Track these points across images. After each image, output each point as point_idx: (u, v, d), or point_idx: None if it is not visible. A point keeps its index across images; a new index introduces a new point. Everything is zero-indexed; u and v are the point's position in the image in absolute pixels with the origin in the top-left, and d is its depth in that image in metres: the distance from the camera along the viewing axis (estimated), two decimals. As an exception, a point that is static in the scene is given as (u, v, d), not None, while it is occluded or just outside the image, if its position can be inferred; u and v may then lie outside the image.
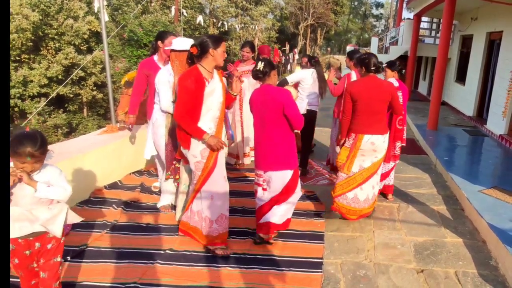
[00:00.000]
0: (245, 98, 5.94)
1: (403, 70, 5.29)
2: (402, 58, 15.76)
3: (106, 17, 5.86)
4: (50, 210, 2.51)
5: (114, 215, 4.36)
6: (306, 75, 5.82)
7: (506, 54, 8.67)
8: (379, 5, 55.05)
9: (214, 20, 30.41)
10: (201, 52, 3.41)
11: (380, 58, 4.47)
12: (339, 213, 4.43)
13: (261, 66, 3.70)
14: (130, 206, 4.63)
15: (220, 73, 3.75)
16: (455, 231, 4.33)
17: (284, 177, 3.74)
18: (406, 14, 32.39)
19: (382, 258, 3.74)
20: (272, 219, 3.79)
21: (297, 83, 5.84)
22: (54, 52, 18.11)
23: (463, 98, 11.86)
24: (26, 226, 2.44)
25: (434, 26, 18.03)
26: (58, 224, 2.56)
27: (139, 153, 5.50)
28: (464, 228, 4.43)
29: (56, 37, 17.99)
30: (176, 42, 3.99)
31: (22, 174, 2.30)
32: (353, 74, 5.48)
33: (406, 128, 5.32)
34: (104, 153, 5.10)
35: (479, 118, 10.38)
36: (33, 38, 17.09)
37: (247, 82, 5.76)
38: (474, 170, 6.41)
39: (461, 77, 12.53)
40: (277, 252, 3.74)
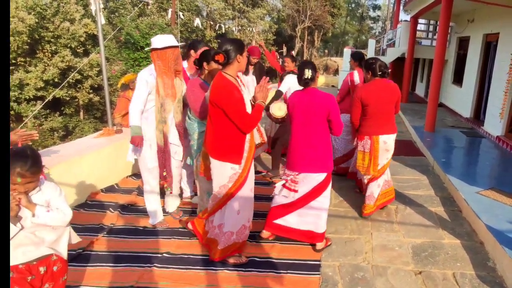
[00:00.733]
0: None
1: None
2: (399, 60, 15.82)
3: (102, 19, 5.85)
4: (55, 230, 2.35)
5: (111, 219, 4.35)
6: (294, 82, 5.31)
7: (502, 55, 8.69)
8: (376, 7, 55.30)
9: (211, 22, 30.39)
10: (228, 59, 3.25)
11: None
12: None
13: (309, 74, 3.68)
14: (127, 209, 4.62)
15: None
16: (453, 233, 4.33)
17: (317, 179, 3.75)
18: (403, 16, 32.47)
19: (380, 260, 3.74)
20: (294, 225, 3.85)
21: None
22: (50, 55, 18.08)
23: (460, 99, 11.88)
24: (31, 250, 2.27)
25: (431, 28, 18.07)
26: (63, 244, 2.43)
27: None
28: (461, 229, 4.43)
29: (52, 40, 17.95)
30: (156, 40, 3.85)
31: (20, 196, 2.12)
32: (355, 74, 5.64)
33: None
34: (100, 156, 5.09)
35: (476, 120, 10.39)
36: (29, 41, 17.06)
37: None
38: (471, 171, 6.41)
39: (458, 78, 12.55)
40: (274, 254, 3.73)
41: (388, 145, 4.47)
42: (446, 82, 13.28)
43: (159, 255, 3.65)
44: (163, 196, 4.45)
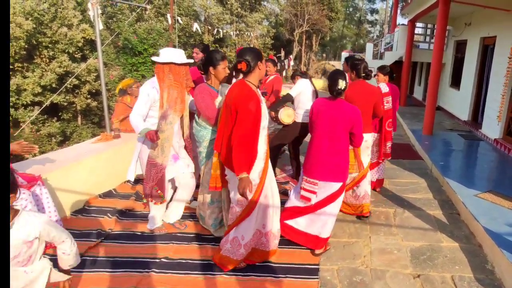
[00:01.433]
0: None
1: (394, 75, 5.63)
2: (397, 64, 15.86)
3: (100, 25, 5.85)
4: (27, 274, 2.08)
5: (109, 224, 4.33)
6: (306, 87, 5.21)
7: (499, 58, 8.72)
8: (374, 11, 55.45)
9: (209, 27, 30.47)
10: (250, 67, 3.25)
11: (375, 64, 4.64)
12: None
13: (342, 84, 3.69)
14: (125, 214, 4.60)
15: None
16: (451, 236, 4.33)
17: (334, 187, 3.79)
18: (401, 20, 32.57)
19: (379, 264, 3.73)
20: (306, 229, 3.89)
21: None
22: (48, 60, 18.08)
23: (458, 102, 11.91)
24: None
25: (429, 32, 18.14)
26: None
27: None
28: (460, 232, 4.43)
29: (50, 45, 17.97)
30: (172, 54, 3.77)
31: None
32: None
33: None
34: (98, 161, 5.08)
35: (474, 123, 10.42)
36: (26, 46, 17.08)
37: None
38: (469, 174, 6.41)
39: (455, 82, 12.59)
40: (273, 259, 3.72)
41: (368, 142, 4.58)
42: (444, 85, 13.33)
43: (157, 260, 3.64)
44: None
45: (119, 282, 3.31)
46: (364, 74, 4.53)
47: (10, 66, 16.83)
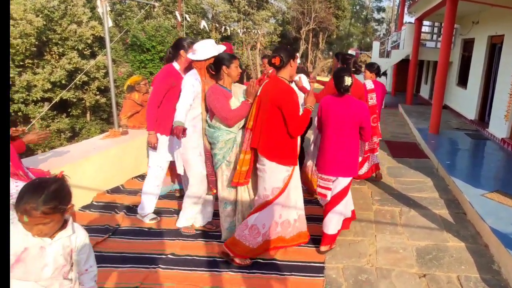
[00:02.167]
0: None
1: (381, 72, 5.96)
2: (404, 62, 15.81)
3: (109, 22, 5.88)
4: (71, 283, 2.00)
5: (116, 220, 4.38)
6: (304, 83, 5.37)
7: (507, 57, 8.68)
8: (381, 9, 55.15)
9: (217, 25, 30.50)
10: (283, 63, 3.44)
11: (381, 62, 4.75)
12: None
13: (349, 81, 3.77)
14: (132, 210, 4.63)
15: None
16: (457, 235, 4.32)
17: (343, 183, 3.88)
18: (408, 18, 32.40)
19: (384, 263, 3.74)
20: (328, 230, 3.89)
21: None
22: (57, 57, 18.22)
23: (465, 101, 11.86)
24: None
25: (436, 30, 18.03)
26: None
27: (141, 157, 5.53)
28: (466, 232, 4.42)
29: (59, 42, 18.10)
30: (212, 47, 3.79)
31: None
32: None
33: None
34: (106, 157, 5.13)
35: (481, 122, 10.37)
36: (37, 43, 17.20)
37: None
38: (476, 174, 6.39)
39: (462, 80, 12.53)
40: (278, 256, 3.74)
41: None
42: (451, 84, 13.26)
43: (164, 256, 3.67)
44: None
45: (126, 277, 3.34)
46: (354, 69, 4.75)
47: (21, 63, 16.97)
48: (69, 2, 18.88)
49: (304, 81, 5.30)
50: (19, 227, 1.77)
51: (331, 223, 3.86)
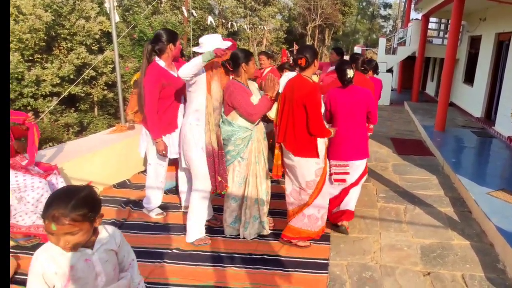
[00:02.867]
0: None
1: (379, 69, 6.15)
2: (410, 59, 15.74)
3: (116, 17, 5.91)
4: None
5: (123, 214, 4.41)
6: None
7: (515, 55, 8.62)
8: (387, 5, 54.90)
9: (223, 20, 30.48)
10: (308, 63, 3.60)
11: (387, 59, 4.84)
12: None
13: (351, 73, 4.02)
14: (139, 205, 4.66)
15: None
16: (462, 234, 4.32)
17: (361, 167, 4.18)
18: (414, 15, 32.21)
19: (388, 260, 3.75)
20: (350, 207, 4.26)
21: None
22: (66, 52, 18.32)
23: (471, 99, 11.80)
24: None
25: (442, 27, 17.94)
26: None
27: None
28: (471, 230, 4.42)
29: (68, 37, 18.19)
30: (218, 41, 3.67)
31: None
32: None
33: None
34: (113, 152, 5.16)
35: (487, 120, 10.32)
36: (46, 38, 17.30)
37: None
38: (482, 172, 6.37)
39: (469, 78, 12.46)
40: (283, 252, 3.76)
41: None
42: (457, 81, 13.20)
43: (169, 251, 3.70)
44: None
45: (132, 271, 3.37)
46: (362, 69, 5.05)
47: (30, 57, 17.09)
48: (77, -3, 18.98)
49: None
50: (53, 250, 1.72)
51: (352, 201, 4.23)
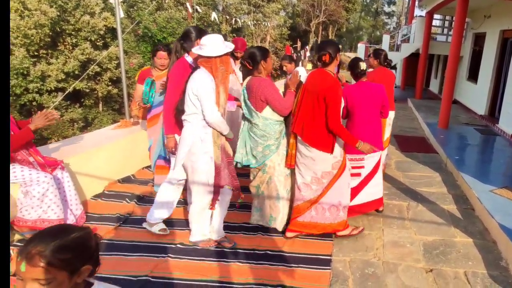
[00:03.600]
0: None
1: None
2: (414, 56, 15.69)
3: (121, 13, 5.92)
4: None
5: (127, 209, 4.44)
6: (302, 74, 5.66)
7: (520, 53, 8.59)
8: (391, 2, 54.73)
9: (227, 17, 30.43)
10: (332, 59, 3.67)
11: (391, 56, 4.89)
12: None
13: (364, 66, 4.23)
14: (143, 200, 4.70)
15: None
16: (465, 231, 4.33)
17: (375, 158, 4.34)
18: (418, 12, 32.11)
19: (391, 257, 3.76)
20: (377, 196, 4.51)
21: None
22: (71, 47, 18.39)
23: (475, 96, 11.77)
24: None
25: (447, 24, 17.85)
26: None
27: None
28: (474, 228, 4.43)
29: (73, 33, 18.25)
30: (222, 43, 3.43)
31: None
32: None
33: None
34: (118, 147, 5.19)
35: (491, 117, 10.30)
36: (51, 33, 17.37)
37: None
38: (485, 169, 6.37)
39: (473, 75, 12.43)
40: (286, 248, 3.78)
41: (391, 120, 5.51)
42: (461, 78, 13.16)
43: (174, 246, 3.72)
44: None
45: (136, 266, 3.40)
46: (385, 64, 5.46)
47: (35, 53, 17.16)
48: (82, -8, 19.02)
49: (302, 74, 5.49)
50: None
51: (377, 188, 4.46)
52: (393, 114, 5.54)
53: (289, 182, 4.09)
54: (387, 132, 5.40)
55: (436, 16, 15.71)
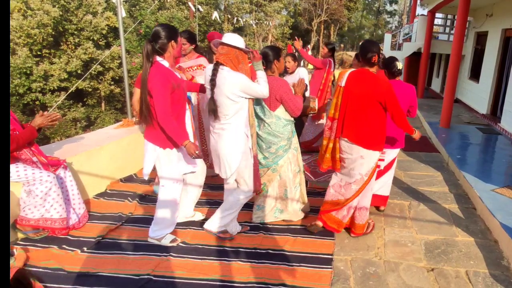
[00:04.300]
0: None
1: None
2: (415, 55, 15.66)
3: (123, 13, 5.94)
4: None
5: (129, 208, 4.46)
6: (304, 74, 6.11)
7: (522, 52, 8.57)
8: (393, 1, 54.62)
9: (229, 16, 30.45)
10: (378, 59, 3.74)
11: (393, 55, 4.87)
12: None
13: (400, 65, 4.33)
14: (145, 199, 4.72)
15: None
16: (467, 230, 4.33)
17: (394, 152, 4.49)
18: (420, 11, 32.10)
19: (392, 256, 3.76)
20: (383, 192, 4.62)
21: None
22: (73, 47, 18.47)
23: (477, 95, 11.74)
24: None
25: (448, 23, 17.81)
26: None
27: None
28: (475, 227, 4.42)
29: (75, 32, 18.32)
30: (240, 39, 3.48)
31: None
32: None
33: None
34: (120, 146, 5.21)
35: (493, 116, 10.27)
36: (53, 33, 17.45)
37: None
38: (486, 168, 6.36)
39: (475, 74, 12.40)
40: (287, 247, 3.79)
41: None
42: (463, 77, 13.12)
43: (175, 245, 3.74)
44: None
45: (138, 264, 3.41)
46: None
47: (38, 52, 17.22)
48: (84, -8, 19.07)
49: (303, 75, 5.65)
50: None
51: (386, 184, 4.55)
52: None
53: (298, 179, 4.21)
54: None
55: (438, 15, 15.68)
